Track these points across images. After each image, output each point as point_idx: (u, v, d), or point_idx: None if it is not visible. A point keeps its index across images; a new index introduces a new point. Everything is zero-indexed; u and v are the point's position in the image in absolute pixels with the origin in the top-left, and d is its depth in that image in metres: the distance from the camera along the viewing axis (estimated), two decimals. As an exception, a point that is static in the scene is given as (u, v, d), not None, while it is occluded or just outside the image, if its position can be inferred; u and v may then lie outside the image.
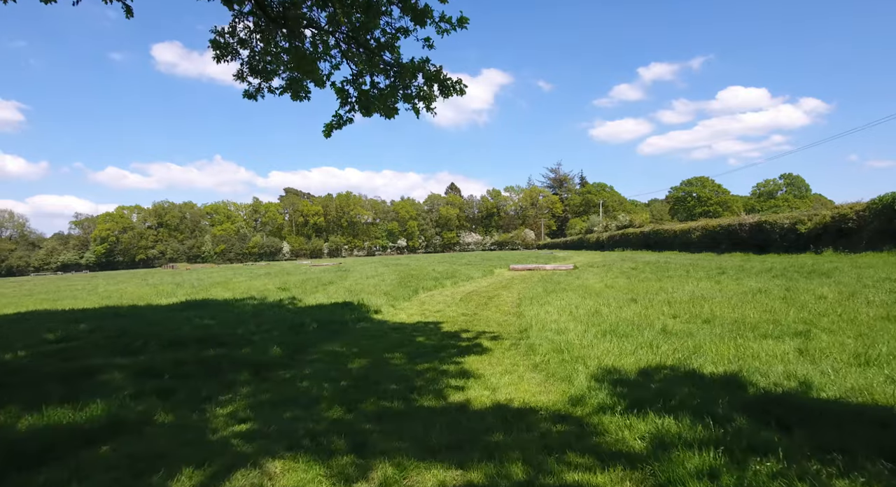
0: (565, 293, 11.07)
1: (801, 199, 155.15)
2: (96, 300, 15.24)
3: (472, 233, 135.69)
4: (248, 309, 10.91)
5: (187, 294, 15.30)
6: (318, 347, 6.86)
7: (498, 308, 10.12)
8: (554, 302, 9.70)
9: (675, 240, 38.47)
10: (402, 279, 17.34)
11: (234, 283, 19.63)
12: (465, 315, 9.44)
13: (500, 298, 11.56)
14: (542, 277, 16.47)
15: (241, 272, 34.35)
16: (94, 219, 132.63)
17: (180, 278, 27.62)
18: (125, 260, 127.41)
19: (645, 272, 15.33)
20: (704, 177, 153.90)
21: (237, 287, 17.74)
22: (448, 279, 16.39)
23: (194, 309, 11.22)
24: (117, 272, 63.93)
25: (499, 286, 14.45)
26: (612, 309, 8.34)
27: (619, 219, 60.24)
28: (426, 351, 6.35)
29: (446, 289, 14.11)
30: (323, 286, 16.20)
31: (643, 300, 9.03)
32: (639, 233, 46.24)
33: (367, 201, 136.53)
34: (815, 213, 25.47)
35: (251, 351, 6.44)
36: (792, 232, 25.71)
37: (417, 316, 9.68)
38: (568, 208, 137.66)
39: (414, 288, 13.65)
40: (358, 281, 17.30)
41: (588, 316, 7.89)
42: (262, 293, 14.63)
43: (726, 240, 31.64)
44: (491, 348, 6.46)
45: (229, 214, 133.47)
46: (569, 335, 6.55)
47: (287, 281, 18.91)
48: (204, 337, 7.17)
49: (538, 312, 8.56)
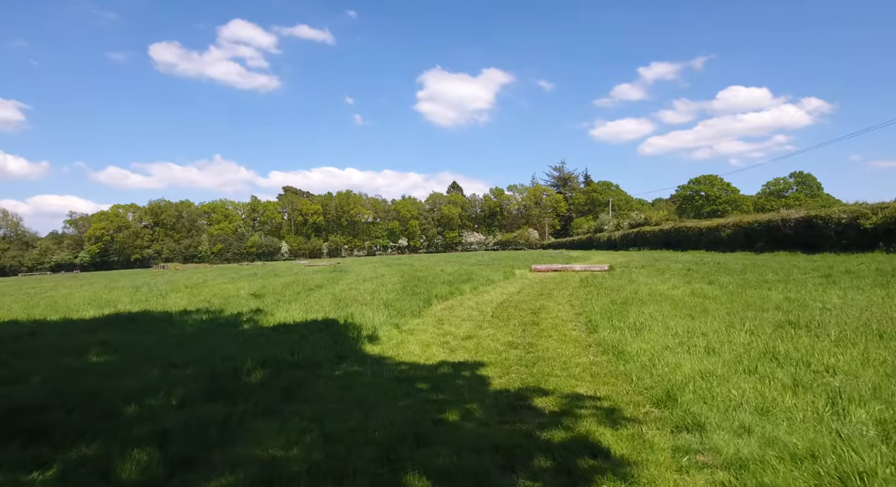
0: (643, 305, 7.70)
1: (812, 198, 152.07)
2: (18, 309, 11.94)
3: (475, 232, 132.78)
4: (189, 329, 7.53)
5: (133, 302, 11.94)
6: (241, 444, 3.26)
7: (560, 332, 6.57)
8: (641, 320, 6.32)
9: (700, 238, 35.25)
10: (408, 282, 13.97)
11: (207, 287, 16.27)
12: (514, 347, 5.87)
13: (549, 313, 8.06)
14: (581, 281, 13.08)
15: (228, 273, 31.06)
16: (88, 218, 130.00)
17: (153, 280, 24.31)
18: (120, 260, 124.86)
19: (716, 275, 11.96)
20: (713, 176, 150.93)
21: (206, 291, 14.40)
22: (465, 283, 12.98)
23: (114, 328, 7.83)
24: (101, 272, 60.18)
25: (534, 293, 11.03)
26: (767, 339, 5.02)
27: (632, 217, 56.79)
28: (485, 473, 2.77)
29: (466, 297, 10.68)
30: (307, 291, 12.82)
31: (804, 324, 5.63)
32: (657, 231, 43.00)
33: (368, 200, 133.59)
34: (883, 206, 22.05)
35: (96, 450, 3.09)
36: (852, 227, 22.30)
37: (437, 346, 6.09)
38: (572, 207, 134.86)
39: (425, 296, 10.19)
40: (352, 286, 13.93)
41: (743, 354, 4.55)
42: (226, 301, 11.26)
43: (764, 238, 28.34)
44: (634, 459, 2.87)
45: (227, 213, 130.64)
46: (773, 420, 3.19)
47: (267, 285, 15.54)
48: (43, 404, 3.79)
49: (642, 346, 5.14)
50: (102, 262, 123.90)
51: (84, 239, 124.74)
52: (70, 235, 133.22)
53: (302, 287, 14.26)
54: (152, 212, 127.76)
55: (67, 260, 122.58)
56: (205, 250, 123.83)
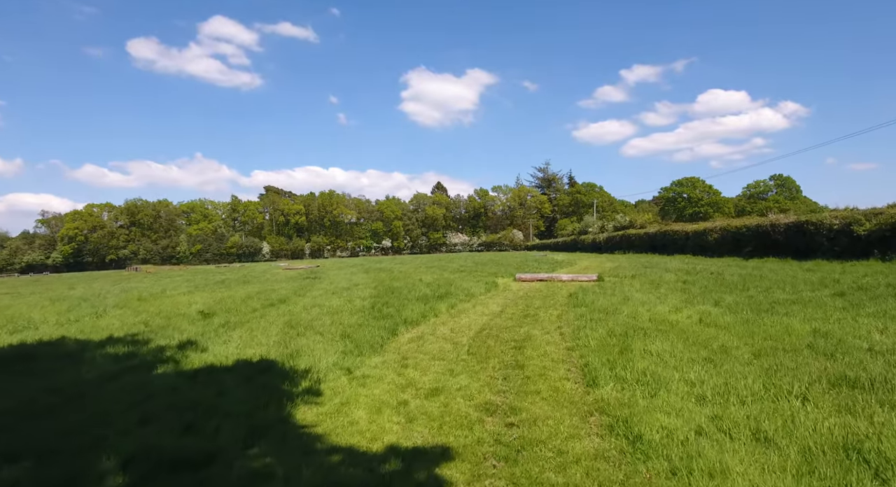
0: (648, 339, 6.41)
1: (791, 201, 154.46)
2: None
3: (459, 233, 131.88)
4: (92, 373, 6.05)
5: (59, 324, 10.24)
6: None
7: (550, 384, 5.14)
8: (652, 369, 5.03)
9: (686, 242, 34.52)
10: (379, 297, 12.60)
11: (159, 301, 14.68)
12: (491, 411, 4.47)
13: (536, 348, 6.66)
14: (570, 297, 11.81)
15: (198, 277, 29.33)
16: (61, 217, 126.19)
17: (112, 287, 22.48)
18: (95, 261, 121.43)
19: (718, 291, 10.77)
20: (695, 178, 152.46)
21: (152, 307, 12.83)
22: (442, 299, 11.62)
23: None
24: (70, 274, 56.85)
25: (518, 313, 9.70)
26: (830, 410, 3.77)
27: (617, 220, 56.04)
28: None
29: (441, 321, 9.28)
30: (264, 308, 11.35)
31: (863, 381, 4.34)
32: (643, 235, 42.30)
33: (351, 200, 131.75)
34: (877, 211, 21.26)
35: None
36: (845, 234, 21.47)
37: (391, 411, 4.60)
38: (557, 208, 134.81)
39: (393, 321, 8.71)
40: (318, 300, 12.51)
41: (814, 448, 3.22)
42: (167, 322, 9.74)
43: (753, 243, 27.57)
44: None
45: (207, 213, 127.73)
46: None
47: (226, 298, 14.02)
48: None
49: (663, 421, 3.81)
50: (76, 263, 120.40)
51: (56, 239, 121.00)
52: (42, 235, 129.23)
53: (262, 301, 12.80)
54: (128, 212, 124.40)
55: (39, 260, 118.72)
56: (183, 251, 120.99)
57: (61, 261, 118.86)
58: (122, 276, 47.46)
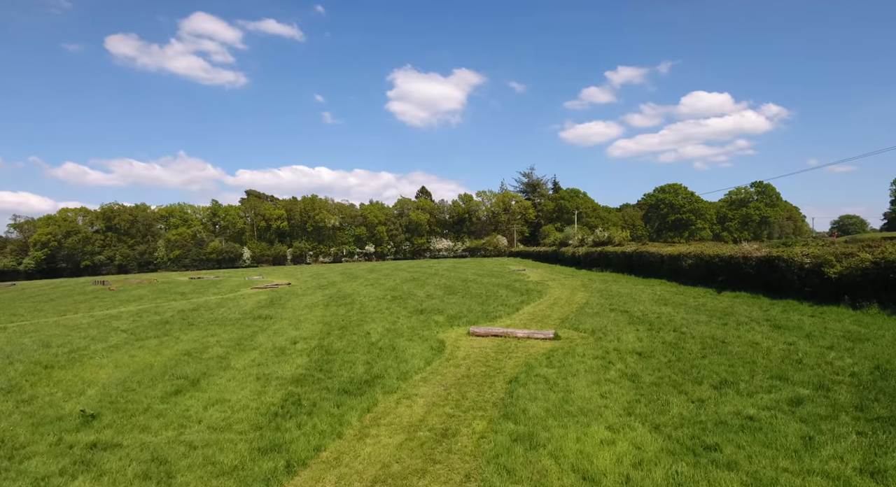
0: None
1: (772, 208, 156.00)
2: None
3: (444, 238, 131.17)
4: None
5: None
6: None
7: None
8: None
9: (661, 265, 34.38)
10: (304, 378, 11.46)
11: (59, 374, 13.36)
12: None
13: None
14: (509, 382, 10.71)
15: (144, 316, 27.94)
16: (34, 222, 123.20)
17: (29, 334, 20.89)
18: (69, 267, 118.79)
19: (667, 379, 9.77)
20: (677, 185, 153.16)
21: (43, 391, 11.58)
22: (368, 387, 10.33)
23: None
24: (44, 281, 54.37)
25: (436, 431, 8.48)
26: None
27: (596, 234, 55.80)
28: None
29: (340, 449, 7.98)
30: (165, 399, 10.13)
31: None
32: (620, 253, 42.14)
33: (334, 205, 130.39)
34: (849, 253, 20.55)
35: None
36: (816, 274, 20.86)
37: None
38: (541, 214, 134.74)
39: (275, 461, 7.42)
40: (225, 390, 11.34)
41: None
42: (8, 454, 8.44)
43: (726, 273, 27.21)
44: None
45: (186, 217, 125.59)
46: None
47: (138, 371, 12.71)
48: None
49: None
50: (50, 269, 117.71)
51: (29, 244, 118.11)
52: (14, 239, 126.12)
53: (174, 382, 11.56)
54: (104, 216, 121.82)
55: (10, 266, 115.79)
56: (161, 256, 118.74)
57: (34, 268, 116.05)
58: (85, 293, 45.75)
